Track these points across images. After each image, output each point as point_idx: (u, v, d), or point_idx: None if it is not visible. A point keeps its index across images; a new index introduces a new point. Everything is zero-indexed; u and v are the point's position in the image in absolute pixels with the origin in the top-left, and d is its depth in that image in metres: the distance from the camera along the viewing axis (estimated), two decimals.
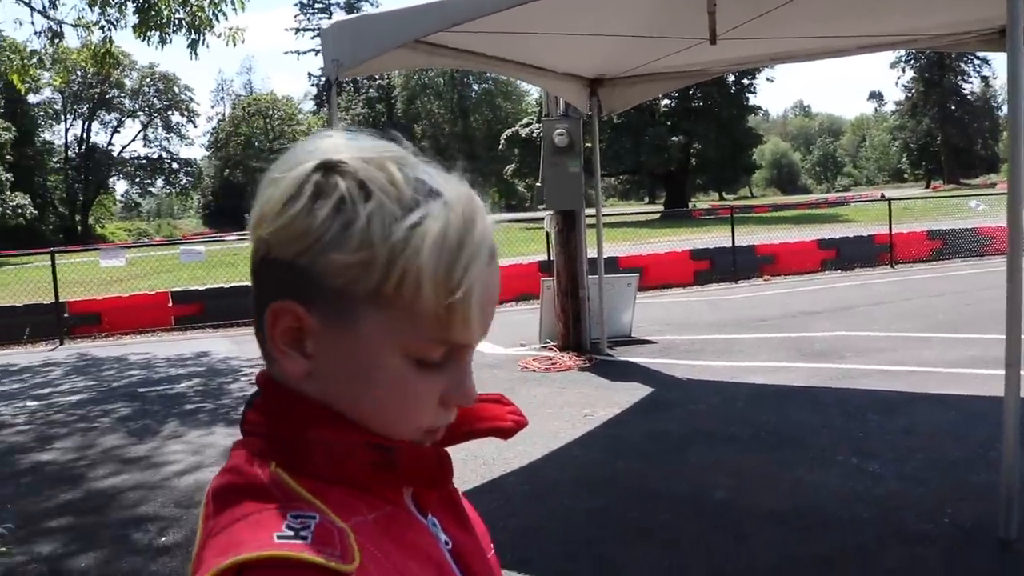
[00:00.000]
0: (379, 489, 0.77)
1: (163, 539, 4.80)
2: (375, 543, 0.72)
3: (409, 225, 0.70)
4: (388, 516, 0.76)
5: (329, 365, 0.75)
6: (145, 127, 73.95)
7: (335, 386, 0.75)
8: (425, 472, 0.79)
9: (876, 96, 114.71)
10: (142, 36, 10.36)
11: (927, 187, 74.58)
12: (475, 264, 0.73)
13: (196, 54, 10.52)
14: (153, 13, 10.23)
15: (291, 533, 0.67)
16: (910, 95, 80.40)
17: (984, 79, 77.92)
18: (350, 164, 0.72)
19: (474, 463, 5.73)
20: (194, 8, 10.40)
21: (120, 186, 79.77)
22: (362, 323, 0.72)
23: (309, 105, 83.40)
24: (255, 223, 0.74)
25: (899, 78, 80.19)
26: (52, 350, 12.58)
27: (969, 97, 78.98)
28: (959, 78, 77.98)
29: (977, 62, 75.94)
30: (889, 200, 19.46)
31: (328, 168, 0.72)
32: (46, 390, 9.43)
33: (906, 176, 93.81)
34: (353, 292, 0.71)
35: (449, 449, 0.82)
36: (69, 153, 70.02)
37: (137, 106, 73.23)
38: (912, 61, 77.08)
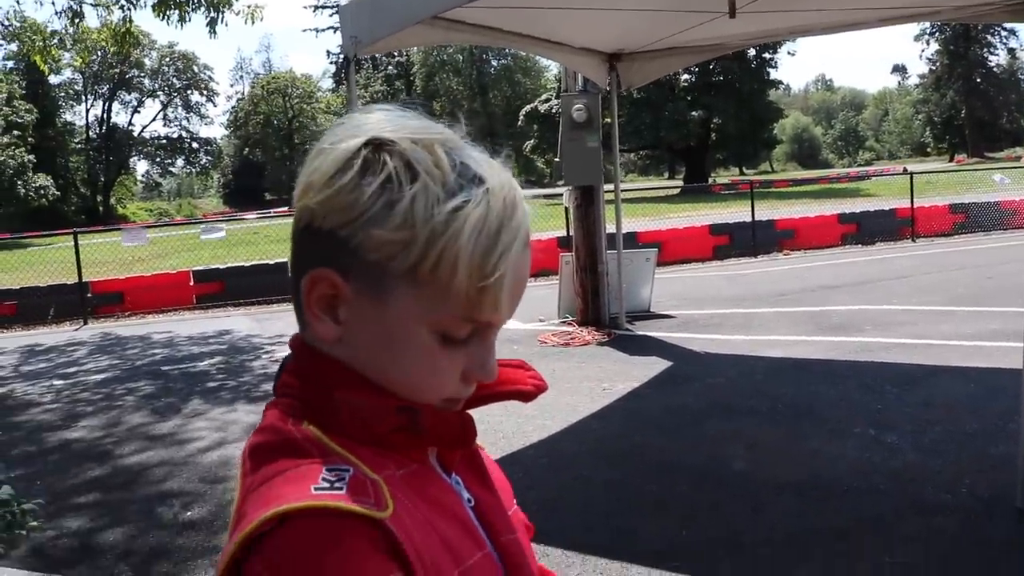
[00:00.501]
0: (405, 449, 0.80)
1: (188, 514, 4.89)
2: (405, 495, 0.76)
3: (451, 209, 0.74)
4: (414, 473, 0.80)
5: (359, 333, 0.78)
6: (165, 107, 74.19)
7: (364, 352, 0.79)
8: (448, 434, 0.82)
9: (899, 69, 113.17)
10: (161, 15, 10.40)
11: (950, 161, 73.73)
12: (511, 251, 0.76)
13: (215, 32, 10.57)
14: None
15: (327, 485, 0.71)
16: (934, 68, 79.30)
17: (1011, 51, 76.68)
18: (399, 143, 0.75)
19: (494, 436, 5.78)
20: None
21: (141, 166, 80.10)
22: (394, 297, 0.76)
23: (328, 83, 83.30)
24: (301, 192, 0.77)
25: (923, 51, 79.19)
26: (76, 330, 12.74)
27: (995, 70, 77.77)
28: (985, 50, 76.76)
29: (1004, 34, 74.68)
30: (911, 174, 19.30)
31: (377, 145, 0.75)
32: (72, 369, 9.57)
33: (929, 150, 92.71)
34: (389, 267, 0.75)
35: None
36: (90, 134, 70.40)
37: (157, 86, 73.42)
38: (937, 33, 75.94)
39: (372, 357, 0.79)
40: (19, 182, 49.06)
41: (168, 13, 10.35)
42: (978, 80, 76.10)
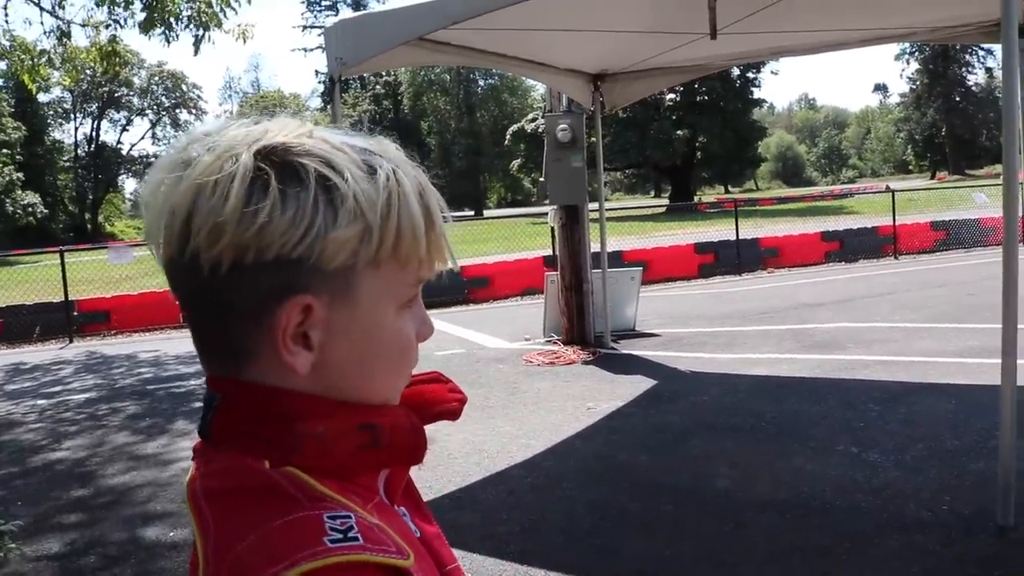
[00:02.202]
0: (360, 478, 0.77)
1: (172, 534, 4.87)
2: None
3: (383, 185, 0.72)
4: (377, 507, 0.76)
5: (335, 349, 0.74)
6: (154, 125, 74.09)
7: (339, 368, 0.75)
8: (405, 446, 0.78)
9: (881, 88, 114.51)
10: (147, 32, 10.41)
11: (932, 178, 74.32)
12: (435, 197, 0.77)
13: (199, 50, 10.57)
14: (160, 11, 10.27)
15: (339, 535, 0.66)
16: (915, 87, 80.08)
17: (988, 70, 77.44)
18: (298, 143, 0.72)
19: (478, 456, 5.79)
20: (201, 5, 10.45)
21: (129, 184, 79.75)
22: (362, 293, 0.74)
23: (316, 102, 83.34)
24: (208, 237, 0.69)
25: (903, 70, 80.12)
26: (62, 348, 12.69)
27: (974, 88, 78.56)
28: (963, 69, 77.60)
29: (981, 54, 75.48)
30: (893, 192, 19.45)
31: (276, 153, 0.71)
32: (56, 388, 9.53)
33: (911, 168, 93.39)
34: (354, 265, 0.72)
35: (454, 442, 0.85)
36: (79, 152, 70.20)
37: (146, 104, 73.30)
38: (916, 53, 76.71)
39: (347, 369, 0.75)
40: (7, 200, 48.91)
41: (154, 30, 10.36)
42: (957, 99, 76.85)
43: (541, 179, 10.01)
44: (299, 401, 0.74)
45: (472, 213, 62.93)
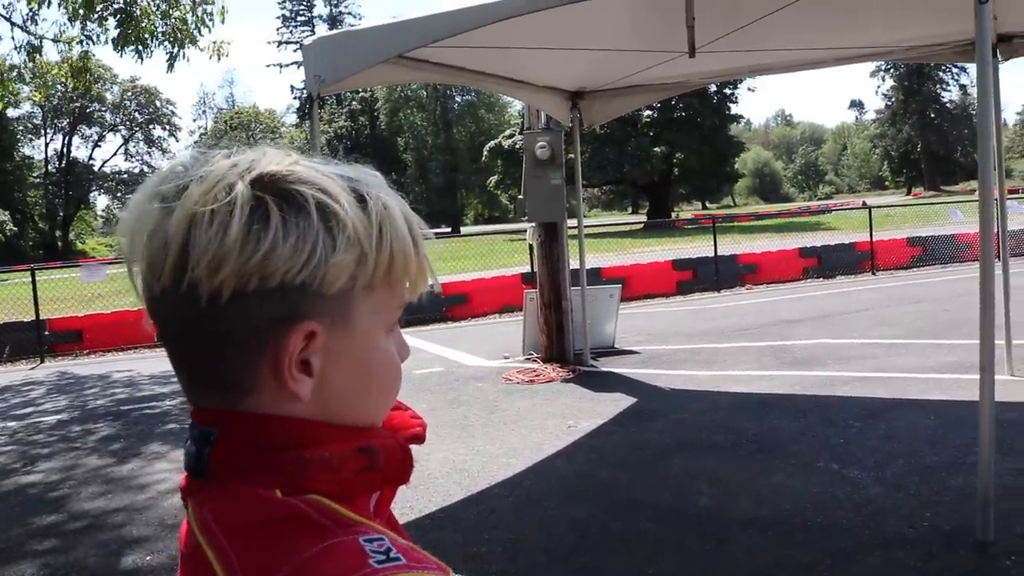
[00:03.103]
0: (357, 500, 0.76)
1: (149, 559, 4.79)
2: None
3: (373, 211, 0.73)
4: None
5: (334, 374, 0.74)
6: (126, 141, 73.76)
7: (338, 393, 0.75)
8: (397, 466, 0.79)
9: (857, 105, 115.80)
10: (121, 49, 10.35)
11: (908, 194, 75.19)
12: (418, 222, 0.79)
13: (173, 67, 10.53)
14: (134, 27, 10.22)
15: (383, 557, 0.66)
16: (890, 103, 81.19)
17: (963, 88, 78.71)
18: (291, 172, 0.72)
19: (459, 476, 5.75)
20: (176, 22, 10.41)
21: (101, 201, 79.31)
22: (358, 317, 0.75)
23: (292, 118, 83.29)
24: (208, 267, 0.68)
25: (879, 87, 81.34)
26: (33, 368, 12.51)
27: (948, 105, 79.74)
28: (938, 87, 78.79)
29: (955, 71, 76.74)
30: (870, 208, 19.63)
31: (272, 183, 0.71)
32: (27, 410, 9.38)
33: (887, 184, 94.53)
34: (352, 290, 0.73)
35: (435, 462, 0.84)
36: (49, 168, 69.69)
37: (118, 120, 72.99)
38: (892, 70, 77.83)
39: (347, 393, 0.76)
40: None
41: (128, 48, 10.30)
42: (932, 115, 77.97)
43: (519, 196, 10.02)
44: (304, 428, 0.74)
45: (449, 230, 62.94)
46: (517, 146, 46.05)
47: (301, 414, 0.74)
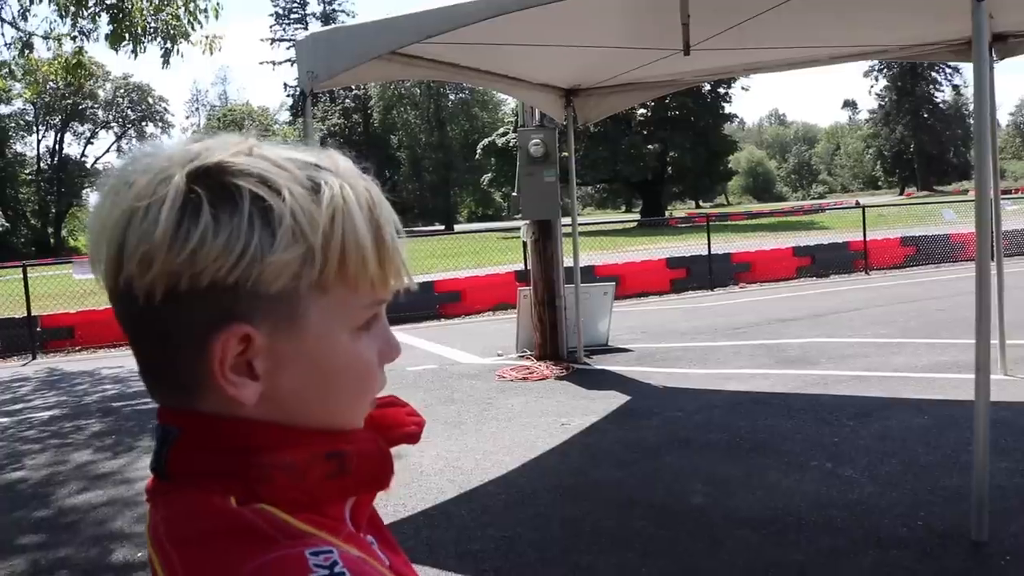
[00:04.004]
0: (327, 507, 0.73)
1: (140, 555, 4.76)
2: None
3: (327, 203, 0.68)
4: (348, 538, 0.72)
5: (283, 377, 0.70)
6: (119, 138, 73.53)
7: (292, 397, 0.71)
8: (373, 472, 0.76)
9: (850, 104, 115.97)
10: (115, 46, 10.31)
11: (901, 194, 75.37)
12: (387, 213, 0.73)
13: (168, 63, 10.49)
14: (127, 23, 10.18)
15: (325, 571, 0.63)
16: (883, 103, 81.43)
17: (955, 88, 78.97)
18: (234, 162, 0.67)
19: (451, 473, 5.73)
20: (168, 18, 10.37)
21: (93, 198, 78.81)
22: (308, 319, 0.69)
23: (285, 116, 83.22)
24: (139, 265, 0.66)
25: (872, 87, 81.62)
26: (24, 365, 12.46)
27: (941, 105, 79.98)
28: (931, 87, 79.03)
29: (948, 71, 76.99)
30: (863, 207, 19.64)
31: (210, 174, 0.67)
32: (18, 406, 9.33)
33: (880, 183, 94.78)
34: (296, 289, 0.68)
35: (427, 459, 0.81)
36: (41, 165, 69.46)
37: (111, 117, 72.83)
38: (885, 70, 78.04)
39: (304, 396, 0.71)
40: None
41: (122, 44, 10.26)
42: (925, 115, 78.18)
43: (513, 193, 9.99)
44: (263, 431, 0.71)
45: (443, 227, 62.92)
46: (511, 144, 46.03)
47: (253, 416, 0.70)
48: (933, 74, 77.26)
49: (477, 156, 57.49)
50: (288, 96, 78.59)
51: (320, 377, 0.72)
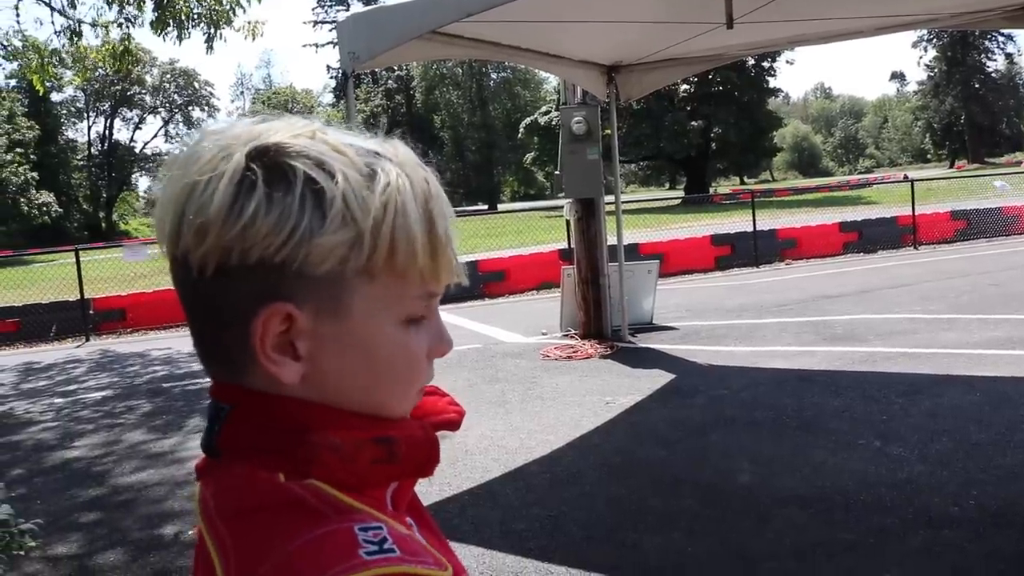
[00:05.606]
0: (376, 487, 0.74)
1: (191, 533, 4.85)
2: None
3: (381, 190, 0.68)
4: (391, 519, 0.73)
5: (327, 360, 0.71)
6: (166, 123, 74.46)
7: (336, 381, 0.72)
8: (419, 459, 0.76)
9: (898, 76, 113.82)
10: (159, 32, 10.42)
11: (951, 167, 73.86)
12: (443, 206, 0.73)
13: (212, 48, 10.58)
14: (171, 10, 10.28)
15: (375, 547, 0.63)
16: (932, 74, 79.61)
17: (1008, 56, 76.96)
18: (293, 144, 0.68)
19: (496, 452, 5.75)
20: (212, 2, 10.44)
21: (143, 182, 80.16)
22: (355, 304, 0.70)
23: (328, 98, 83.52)
24: (195, 236, 0.67)
25: (921, 57, 79.57)
26: (78, 347, 12.72)
27: (993, 75, 78.02)
28: (983, 56, 77.07)
29: (1001, 39, 74.96)
30: (912, 181, 19.28)
31: (268, 154, 0.68)
32: (72, 387, 9.55)
33: (929, 156, 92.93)
34: (343, 273, 0.68)
35: (472, 439, 0.80)
36: (92, 150, 70.61)
37: (158, 102, 73.68)
38: (934, 40, 76.19)
39: (348, 382, 0.72)
40: (22, 199, 49.23)
41: (166, 31, 10.37)
42: (976, 86, 76.38)
43: (556, 172, 9.95)
44: (314, 411, 0.71)
45: (486, 207, 62.92)
46: (553, 122, 45.85)
47: (303, 395, 0.71)
48: (985, 43, 75.29)
49: (520, 135, 57.29)
50: (331, 78, 78.80)
51: (362, 363, 0.72)
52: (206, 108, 74.85)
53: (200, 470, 0.75)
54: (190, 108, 74.18)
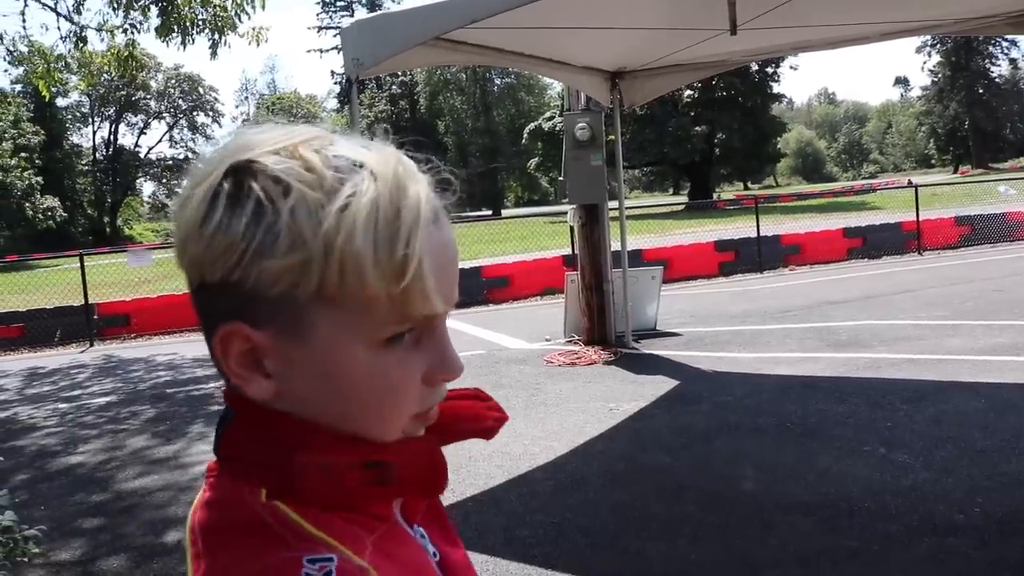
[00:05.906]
0: (369, 506, 0.73)
1: None
2: (384, 567, 0.69)
3: (337, 209, 0.64)
4: (383, 536, 0.72)
5: (297, 381, 0.69)
6: (171, 128, 74.60)
7: (310, 402, 0.70)
8: (420, 481, 0.75)
9: (902, 82, 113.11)
10: (164, 37, 10.44)
11: (955, 172, 73.74)
12: (417, 230, 0.66)
13: (216, 54, 10.61)
14: (176, 16, 10.31)
15: None
16: (936, 80, 79.44)
17: (1012, 62, 76.84)
18: (260, 161, 0.66)
19: (500, 459, 5.74)
20: (216, 8, 10.47)
21: (147, 187, 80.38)
22: (316, 327, 0.67)
23: (332, 103, 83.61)
24: (180, 249, 0.69)
25: (925, 63, 79.40)
26: (82, 352, 12.74)
27: (997, 80, 77.88)
28: (987, 61, 76.91)
29: (1005, 45, 74.86)
30: (916, 186, 19.25)
31: (238, 171, 0.66)
32: (76, 392, 9.56)
33: (933, 162, 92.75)
34: (296, 297, 0.66)
35: (476, 445, 0.80)
36: (97, 155, 70.71)
37: (163, 107, 73.82)
38: (938, 45, 76.10)
39: (320, 404, 0.70)
40: (27, 204, 49.27)
41: (171, 36, 10.40)
42: (980, 91, 76.21)
43: (560, 178, 9.95)
44: (303, 427, 0.71)
45: (490, 213, 62.92)
46: (557, 128, 45.84)
47: (289, 411, 0.71)
48: (989, 48, 75.19)
49: (524, 141, 57.35)
50: (335, 83, 78.89)
51: (331, 387, 0.69)
52: (210, 113, 74.98)
53: (208, 471, 0.76)
54: (195, 113, 74.31)
